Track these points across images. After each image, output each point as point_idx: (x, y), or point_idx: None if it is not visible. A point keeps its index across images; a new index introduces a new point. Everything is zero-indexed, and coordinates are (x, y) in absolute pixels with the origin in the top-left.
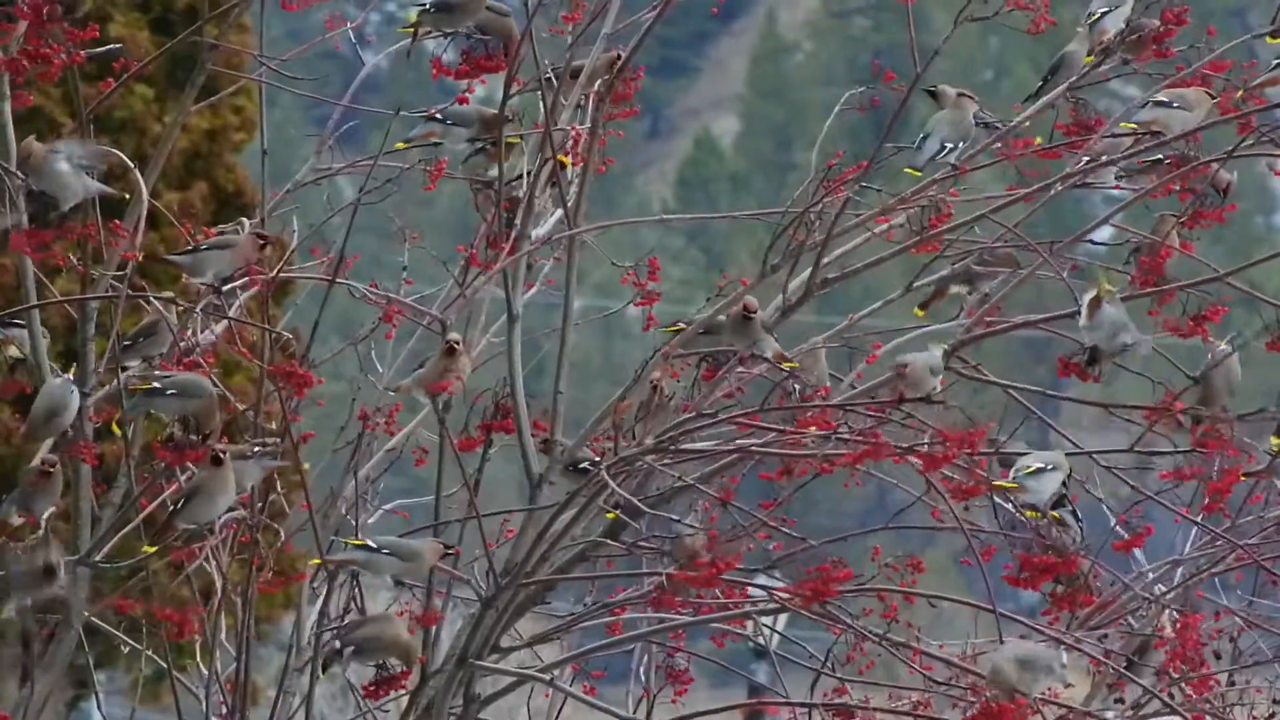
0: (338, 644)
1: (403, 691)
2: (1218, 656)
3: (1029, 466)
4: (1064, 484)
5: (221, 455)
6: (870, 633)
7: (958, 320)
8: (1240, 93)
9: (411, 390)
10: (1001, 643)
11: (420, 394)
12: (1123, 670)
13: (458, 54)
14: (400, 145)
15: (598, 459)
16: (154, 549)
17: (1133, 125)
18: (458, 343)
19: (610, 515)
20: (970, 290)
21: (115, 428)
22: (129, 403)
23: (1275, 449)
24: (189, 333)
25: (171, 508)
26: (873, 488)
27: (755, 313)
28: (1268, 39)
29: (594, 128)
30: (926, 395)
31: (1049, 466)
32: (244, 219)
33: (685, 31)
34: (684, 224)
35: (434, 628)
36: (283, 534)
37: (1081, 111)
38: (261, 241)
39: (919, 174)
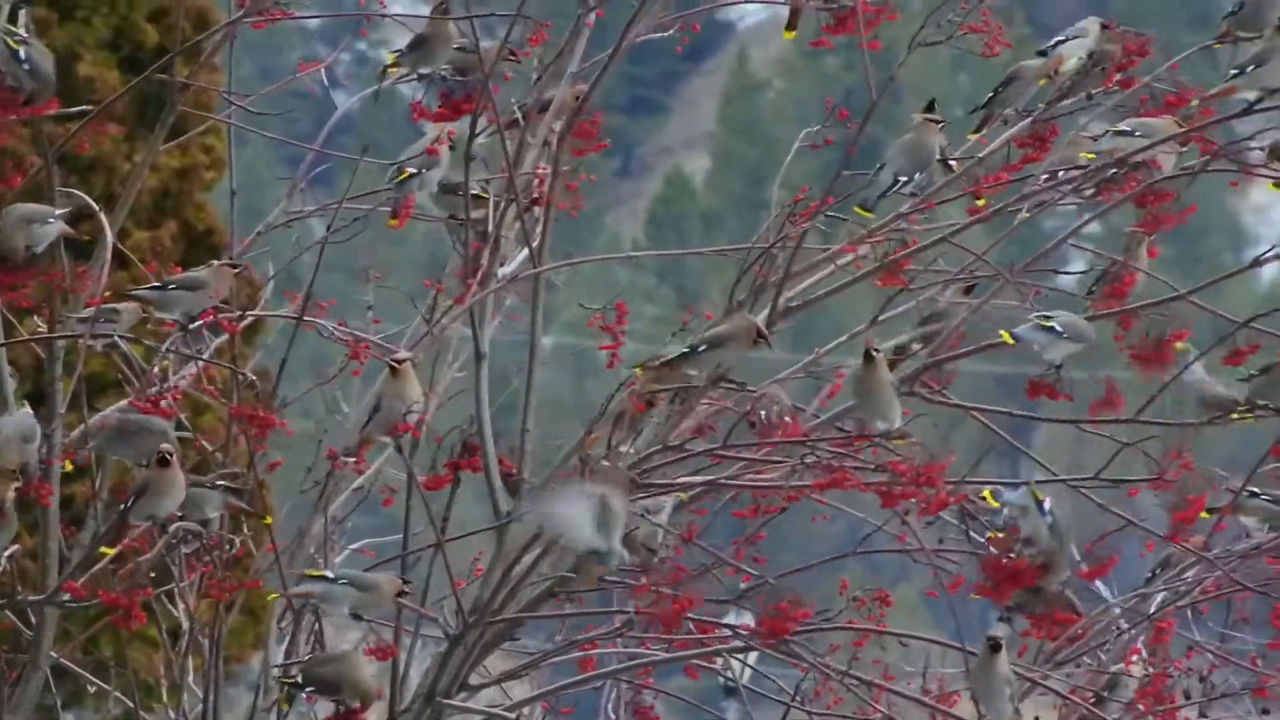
0: (299, 679)
1: None
2: (1188, 697)
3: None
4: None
5: (169, 457)
6: (836, 670)
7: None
8: (1195, 102)
9: (373, 436)
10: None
11: (383, 436)
12: (1089, 707)
13: (435, 97)
14: (392, 223)
15: None
16: (111, 550)
17: (1093, 156)
18: (400, 362)
19: None
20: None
21: (68, 465)
22: (91, 443)
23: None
24: (156, 372)
25: (123, 507)
26: (843, 524)
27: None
28: (1215, 45)
29: (556, 166)
30: (889, 429)
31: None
32: (214, 261)
33: (656, 70)
34: (653, 261)
35: (403, 666)
36: (250, 572)
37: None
38: (234, 269)
39: (870, 214)
